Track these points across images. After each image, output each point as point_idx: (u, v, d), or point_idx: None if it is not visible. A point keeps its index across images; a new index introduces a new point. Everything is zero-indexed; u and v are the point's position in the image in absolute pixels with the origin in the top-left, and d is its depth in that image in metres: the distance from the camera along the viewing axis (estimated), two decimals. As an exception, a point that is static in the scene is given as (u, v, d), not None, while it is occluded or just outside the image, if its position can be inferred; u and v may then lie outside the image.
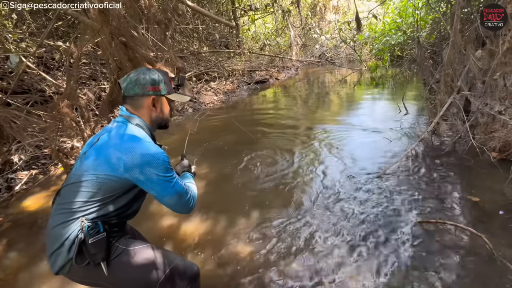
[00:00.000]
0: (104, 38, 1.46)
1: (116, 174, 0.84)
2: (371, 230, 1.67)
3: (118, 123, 0.95)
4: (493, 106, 2.25)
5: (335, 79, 7.61)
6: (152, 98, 0.98)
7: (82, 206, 0.83)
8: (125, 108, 0.98)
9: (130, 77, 0.97)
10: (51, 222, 0.86)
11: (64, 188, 0.88)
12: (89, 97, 3.04)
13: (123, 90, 0.97)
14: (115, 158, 0.84)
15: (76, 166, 0.91)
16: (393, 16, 7.55)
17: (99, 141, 0.91)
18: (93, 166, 0.85)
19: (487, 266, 1.33)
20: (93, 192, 0.84)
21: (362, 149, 2.77)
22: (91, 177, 0.84)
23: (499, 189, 1.86)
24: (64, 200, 0.85)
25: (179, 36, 7.10)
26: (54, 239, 0.83)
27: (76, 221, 0.82)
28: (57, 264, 0.83)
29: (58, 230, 0.83)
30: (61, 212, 0.84)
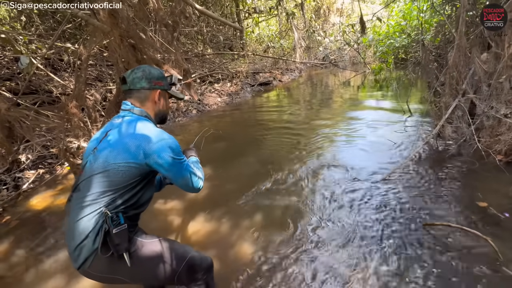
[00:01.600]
0: (113, 40, 1.49)
1: (136, 161, 0.89)
2: (376, 232, 1.67)
3: (125, 117, 0.98)
4: (499, 109, 2.24)
5: (338, 81, 7.61)
6: (158, 92, 1.04)
7: (104, 196, 0.86)
8: (130, 102, 1.01)
9: (136, 72, 1.01)
10: (72, 217, 0.87)
11: (82, 183, 0.90)
12: (96, 98, 3.08)
13: (128, 83, 1.00)
14: (134, 147, 0.89)
15: (89, 161, 0.93)
16: (398, 19, 7.55)
17: (110, 135, 0.93)
18: (112, 157, 0.88)
19: (492, 269, 1.32)
20: (114, 181, 0.87)
21: (366, 152, 2.77)
22: (112, 167, 0.87)
23: (505, 192, 1.85)
24: (85, 194, 0.87)
25: (184, 38, 7.16)
26: (77, 233, 0.84)
27: (99, 212, 0.85)
28: (81, 256, 0.84)
29: (81, 223, 0.84)
30: (82, 205, 0.86)
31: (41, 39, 3.88)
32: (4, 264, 1.74)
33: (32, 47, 3.44)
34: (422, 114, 3.68)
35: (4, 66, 3.79)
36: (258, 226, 1.85)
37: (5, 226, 2.15)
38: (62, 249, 1.84)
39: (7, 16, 4.55)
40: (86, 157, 0.96)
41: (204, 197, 2.26)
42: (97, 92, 3.65)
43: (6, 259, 1.79)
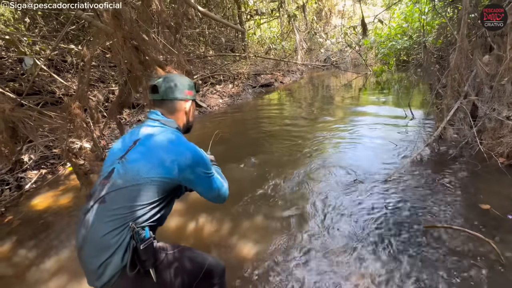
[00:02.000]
0: (116, 42, 1.50)
1: (170, 176, 0.86)
2: (377, 234, 1.66)
3: (156, 127, 0.96)
4: (501, 111, 2.24)
5: (340, 83, 7.61)
6: (189, 102, 1.05)
7: (133, 211, 0.82)
8: (160, 112, 0.99)
9: (169, 81, 1.00)
10: (95, 231, 0.80)
11: (109, 195, 0.83)
12: (99, 98, 3.10)
13: (161, 94, 0.99)
14: (169, 161, 0.86)
15: (117, 171, 0.87)
16: (399, 21, 7.56)
17: (140, 146, 0.90)
18: (145, 170, 0.84)
19: (494, 271, 1.32)
20: (144, 196, 0.84)
21: (368, 153, 2.76)
22: (145, 181, 0.84)
23: (507, 194, 1.84)
24: (112, 207, 0.82)
25: (186, 40, 7.20)
26: (103, 249, 0.79)
27: (127, 227, 0.81)
28: (106, 274, 0.78)
29: (108, 238, 0.79)
30: (109, 219, 0.80)
31: (45, 41, 3.92)
32: (6, 264, 1.76)
33: (36, 48, 3.47)
34: (423, 116, 3.68)
35: (8, 67, 3.83)
36: (259, 227, 1.85)
37: (8, 225, 2.16)
38: (63, 249, 1.85)
39: (11, 18, 4.60)
40: (111, 165, 0.90)
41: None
42: (99, 93, 3.67)
43: (8, 258, 1.80)
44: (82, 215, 0.87)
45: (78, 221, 0.89)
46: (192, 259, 0.98)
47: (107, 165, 0.93)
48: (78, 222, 0.88)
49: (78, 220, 0.90)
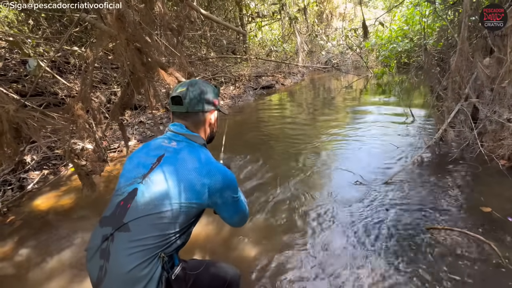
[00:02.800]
0: (119, 44, 1.52)
1: (200, 201, 0.80)
2: (379, 236, 1.66)
3: (181, 141, 0.87)
4: (502, 113, 2.24)
5: (341, 85, 7.63)
6: (214, 113, 0.97)
7: (162, 240, 0.74)
8: (185, 126, 0.90)
9: (192, 91, 0.89)
10: (120, 264, 0.70)
11: (134, 222, 0.74)
12: (101, 100, 3.12)
13: (186, 106, 0.88)
14: (200, 185, 0.79)
15: (141, 193, 0.77)
16: (400, 24, 7.59)
17: (166, 164, 0.81)
18: (174, 195, 0.76)
19: (495, 273, 1.32)
20: (174, 223, 0.76)
21: (369, 155, 2.77)
22: (174, 207, 0.76)
23: (508, 196, 1.84)
24: (139, 236, 0.72)
25: (188, 42, 7.25)
26: (132, 283, 0.69)
27: (157, 257, 0.73)
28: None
29: (136, 272, 0.69)
30: (137, 250, 0.71)
31: (48, 42, 3.96)
32: (8, 264, 1.76)
33: (39, 50, 3.51)
34: (424, 118, 3.68)
35: (11, 69, 3.87)
36: (260, 228, 1.85)
37: (10, 226, 2.17)
38: (65, 249, 1.86)
39: (15, 20, 4.65)
40: (131, 183, 0.81)
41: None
42: (102, 94, 3.70)
43: (10, 258, 1.81)
44: (99, 242, 0.76)
45: (91, 246, 0.78)
46: (216, 276, 0.94)
47: (126, 180, 0.83)
48: (91, 248, 0.77)
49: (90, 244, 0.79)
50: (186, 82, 0.93)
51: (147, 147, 0.90)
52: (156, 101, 2.37)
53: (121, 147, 3.81)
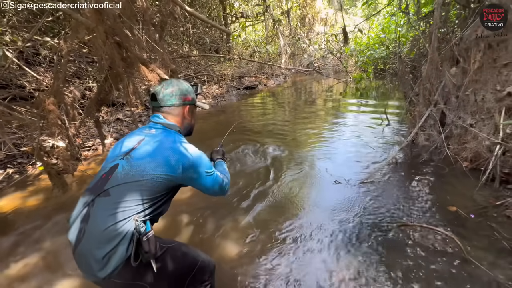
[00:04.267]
0: (98, 37, 1.45)
1: (174, 174, 0.92)
2: (354, 232, 1.74)
3: (159, 129, 1.02)
4: (466, 119, 2.44)
5: (322, 88, 7.85)
6: (187, 107, 1.10)
7: (137, 205, 0.85)
8: (162, 116, 1.05)
9: (167, 88, 1.06)
10: (98, 223, 0.82)
11: (114, 188, 0.86)
12: (75, 95, 2.95)
13: (159, 101, 1.05)
14: (174, 160, 0.92)
15: (122, 167, 0.90)
16: (377, 32, 7.97)
17: (145, 145, 0.95)
18: (151, 167, 0.89)
19: (459, 266, 1.43)
20: (148, 191, 0.88)
21: (347, 156, 2.88)
22: (150, 177, 0.88)
23: (470, 195, 2.01)
24: (117, 200, 0.84)
25: (170, 39, 7.06)
26: (108, 240, 0.80)
27: (130, 220, 0.83)
28: (111, 264, 0.79)
29: (112, 230, 0.80)
30: (114, 212, 0.83)
31: (15, 31, 3.66)
32: (-34, 271, 1.61)
33: (6, 38, 3.24)
34: (398, 122, 3.90)
35: (-29, 58, 3.52)
36: (240, 227, 1.86)
37: (-32, 229, 1.99)
38: (31, 254, 1.74)
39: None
40: (113, 161, 0.94)
41: (187, 200, 2.24)
42: (76, 89, 3.49)
43: (-32, 265, 1.66)
44: (80, 209, 0.87)
45: (73, 215, 0.89)
46: (187, 255, 1.02)
47: (108, 162, 0.97)
48: (73, 217, 0.88)
49: (71, 215, 0.89)
50: (164, 82, 1.10)
51: (130, 135, 1.03)
52: (135, 98, 2.29)
53: (97, 145, 3.62)
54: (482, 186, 2.04)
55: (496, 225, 1.69)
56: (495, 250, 1.51)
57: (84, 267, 0.83)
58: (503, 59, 2.21)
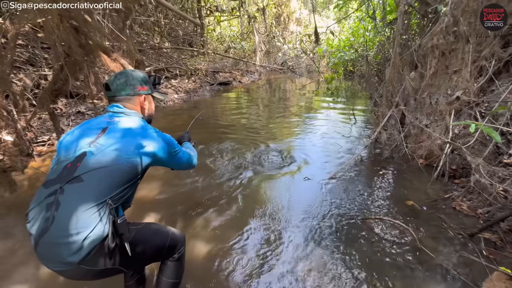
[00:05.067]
0: (50, 19, 1.30)
1: (146, 157, 0.96)
2: (322, 226, 1.81)
3: (122, 117, 1.03)
4: (422, 120, 2.66)
5: (295, 87, 8.01)
6: (142, 97, 1.12)
7: (110, 189, 0.87)
8: (121, 105, 1.06)
9: (119, 78, 1.07)
10: (70, 209, 0.81)
11: (87, 174, 0.86)
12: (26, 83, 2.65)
13: (113, 91, 1.06)
14: (145, 144, 0.96)
15: (90, 153, 0.90)
16: (348, 35, 8.33)
17: (112, 132, 0.96)
18: (124, 152, 0.92)
19: (413, 254, 1.57)
20: (121, 176, 0.90)
21: (316, 154, 2.98)
22: (122, 162, 0.90)
23: (424, 189, 2.20)
24: (91, 185, 0.85)
25: (139, 28, 6.67)
26: (80, 225, 0.80)
27: (105, 203, 0.86)
28: (84, 250, 0.80)
29: (89, 213, 0.81)
30: (86, 196, 0.83)
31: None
32: None
33: None
34: (364, 121, 4.13)
35: None
36: (210, 226, 1.83)
37: None
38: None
39: None
40: (76, 149, 0.92)
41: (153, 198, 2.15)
42: (27, 77, 3.14)
43: None
44: (42, 198, 0.85)
45: (32, 207, 0.87)
46: (157, 232, 1.07)
47: (69, 149, 0.94)
48: (33, 208, 0.87)
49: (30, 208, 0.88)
50: (117, 72, 1.11)
51: (87, 124, 1.02)
52: (97, 89, 2.12)
53: (52, 139, 3.31)
54: (434, 181, 2.25)
55: (444, 216, 1.87)
56: (442, 238, 1.68)
57: (51, 256, 0.81)
58: (453, 66, 2.44)
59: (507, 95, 2.12)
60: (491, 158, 2.01)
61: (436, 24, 2.53)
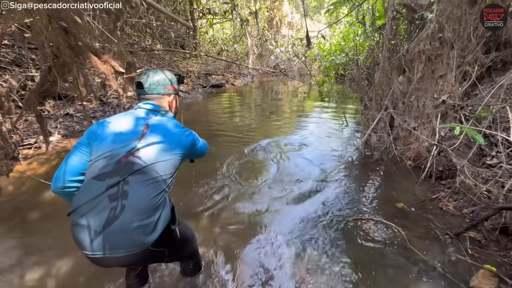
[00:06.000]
0: (38, 20, 1.28)
1: (185, 152, 1.09)
2: (314, 226, 1.83)
3: (158, 115, 1.13)
4: (410, 123, 2.74)
5: (287, 90, 8.09)
6: (172, 96, 1.21)
7: (165, 180, 0.98)
8: (155, 103, 1.15)
9: (152, 77, 1.16)
10: (141, 197, 0.90)
11: (147, 167, 0.95)
12: (12, 84, 2.58)
13: (146, 89, 1.15)
14: (185, 142, 1.09)
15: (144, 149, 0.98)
16: (338, 39, 8.49)
17: (155, 129, 1.04)
18: (170, 148, 1.03)
19: (402, 254, 1.60)
20: (169, 168, 1.01)
21: (308, 156, 3.01)
22: (170, 156, 1.02)
23: (412, 190, 2.26)
24: (151, 176, 0.95)
25: (130, 30, 6.60)
26: (153, 208, 0.90)
27: (164, 192, 0.96)
28: (158, 228, 0.90)
29: (155, 200, 0.92)
30: (151, 187, 0.93)
31: None
32: None
33: None
34: (355, 124, 4.21)
35: None
36: (203, 227, 1.82)
37: None
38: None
39: None
40: (124, 145, 0.98)
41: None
42: (13, 79, 3.06)
43: None
44: (102, 191, 0.89)
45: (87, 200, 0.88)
46: (188, 227, 1.25)
47: (114, 144, 0.98)
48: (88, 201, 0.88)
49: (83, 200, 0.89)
50: (149, 70, 1.19)
51: (122, 118, 1.07)
52: (87, 91, 2.08)
53: (39, 142, 3.22)
54: (422, 182, 2.31)
55: (432, 216, 1.92)
56: (430, 238, 1.72)
57: (123, 240, 0.85)
58: (439, 71, 2.52)
59: (489, 99, 2.21)
60: (475, 159, 2.09)
61: (422, 30, 2.62)
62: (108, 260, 0.86)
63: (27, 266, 1.54)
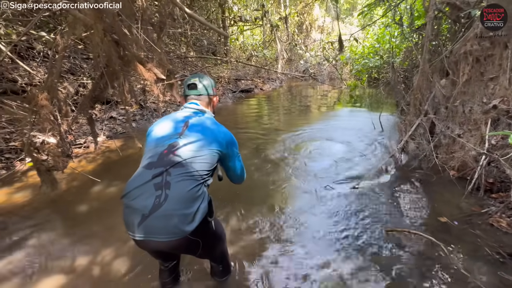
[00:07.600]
0: (95, 34, 1.45)
1: (222, 149, 1.14)
2: (343, 236, 1.77)
3: (200, 114, 1.21)
4: (454, 129, 2.52)
5: (317, 94, 7.95)
6: (216, 97, 1.35)
7: (203, 174, 1.05)
8: (200, 104, 1.25)
9: (203, 80, 1.30)
10: (182, 188, 0.97)
11: (187, 161, 1.03)
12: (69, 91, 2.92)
13: (200, 90, 1.27)
14: (221, 138, 1.14)
15: (184, 144, 1.07)
16: (372, 41, 8.15)
17: (195, 125, 1.13)
18: (207, 144, 1.09)
19: (444, 271, 1.47)
20: (207, 163, 1.07)
21: (339, 162, 2.92)
22: (208, 152, 1.08)
23: (456, 203, 2.07)
24: (191, 169, 1.02)
25: (168, 39, 7.06)
26: (193, 199, 0.97)
27: (202, 185, 1.03)
28: (197, 218, 0.97)
29: (194, 191, 0.99)
30: (191, 179, 1.00)
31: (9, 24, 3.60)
32: None
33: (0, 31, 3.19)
34: (390, 129, 3.98)
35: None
36: (230, 229, 1.86)
37: (-50, 224, 1.93)
38: (16, 251, 1.70)
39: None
40: (167, 138, 1.09)
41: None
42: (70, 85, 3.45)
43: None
44: (148, 178, 0.98)
45: (137, 185, 0.98)
46: (221, 224, 1.28)
47: (160, 139, 1.11)
48: (137, 187, 0.97)
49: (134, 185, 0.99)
50: (195, 75, 1.33)
51: (171, 117, 1.19)
52: (130, 96, 2.28)
53: (88, 142, 3.58)
54: (468, 194, 2.10)
55: (480, 232, 1.74)
56: (478, 256, 1.56)
57: (165, 226, 0.92)
58: (489, 73, 2.30)
59: (553, 103, 1.95)
60: (535, 171, 1.85)
61: (469, 30, 2.42)
62: (151, 243, 0.95)
63: (76, 253, 1.71)
